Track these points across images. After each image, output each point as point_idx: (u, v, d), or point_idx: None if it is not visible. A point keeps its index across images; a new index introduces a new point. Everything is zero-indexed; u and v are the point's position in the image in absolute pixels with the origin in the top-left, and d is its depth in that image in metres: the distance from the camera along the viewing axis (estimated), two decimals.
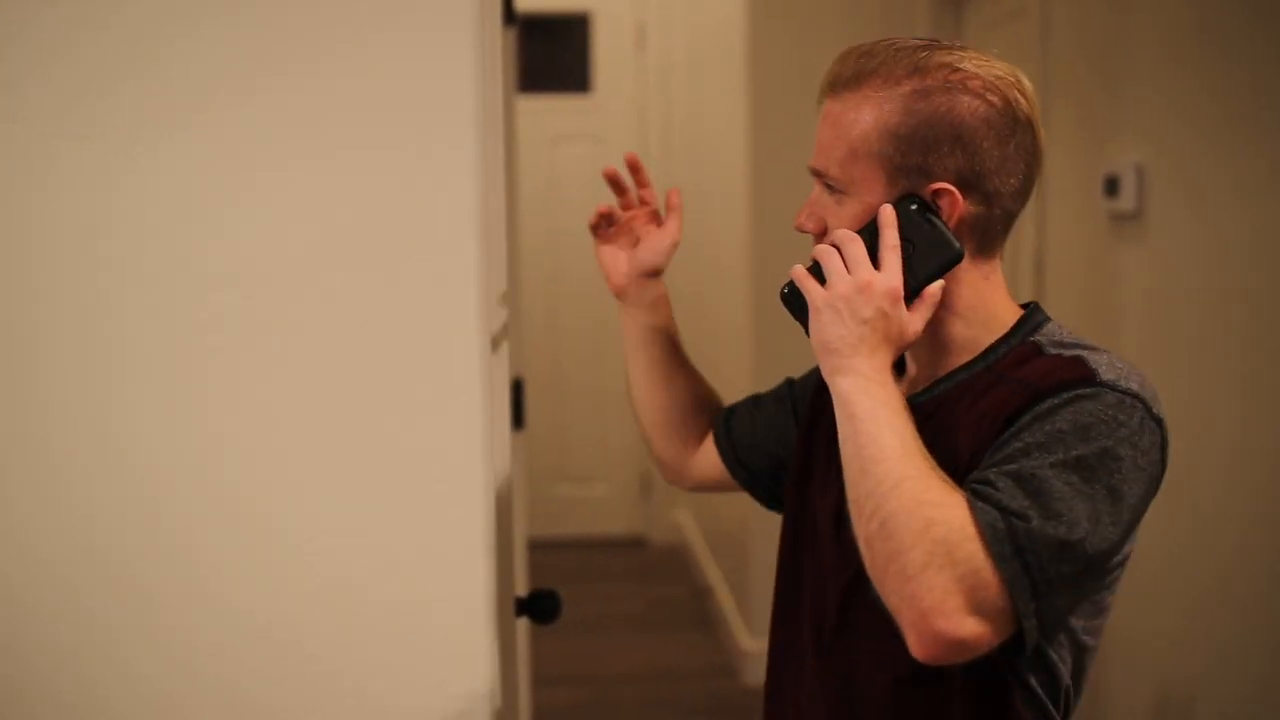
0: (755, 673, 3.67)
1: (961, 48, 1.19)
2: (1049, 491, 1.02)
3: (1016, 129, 1.16)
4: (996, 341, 1.20)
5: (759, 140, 3.54)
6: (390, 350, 1.37)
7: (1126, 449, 1.06)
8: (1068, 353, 1.14)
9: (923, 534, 1.01)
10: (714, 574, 4.37)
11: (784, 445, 1.43)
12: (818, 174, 1.24)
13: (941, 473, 1.05)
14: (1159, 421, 1.09)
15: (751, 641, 3.70)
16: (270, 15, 1.32)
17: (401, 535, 1.38)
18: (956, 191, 1.15)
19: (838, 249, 1.16)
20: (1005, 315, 1.21)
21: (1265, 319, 1.91)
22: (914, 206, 1.17)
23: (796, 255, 3.95)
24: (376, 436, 1.37)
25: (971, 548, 1.00)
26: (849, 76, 1.21)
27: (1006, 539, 1.00)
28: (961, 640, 1.00)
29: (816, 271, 1.18)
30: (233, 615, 1.38)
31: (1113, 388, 1.08)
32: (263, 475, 1.37)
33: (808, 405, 1.39)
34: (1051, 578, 1.02)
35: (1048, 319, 1.22)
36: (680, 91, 4.86)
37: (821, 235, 1.23)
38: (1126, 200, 2.27)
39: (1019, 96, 1.17)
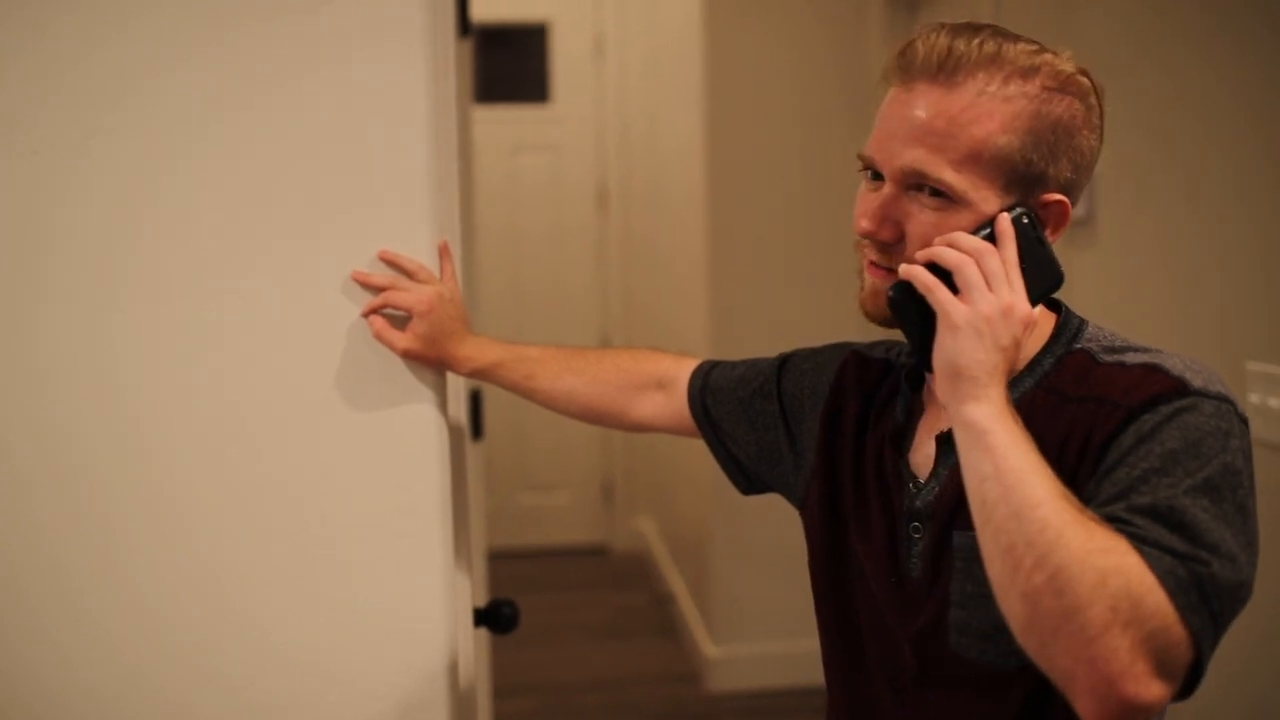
0: (717, 679, 3.68)
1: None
2: (1195, 524, 0.92)
3: (1102, 136, 1.09)
4: (1040, 353, 1.10)
5: (716, 148, 3.55)
6: (347, 361, 1.37)
7: (1241, 460, 0.97)
8: (1130, 359, 1.05)
9: (1100, 588, 0.87)
10: (676, 581, 4.37)
11: (766, 447, 1.37)
12: (915, 174, 1.05)
13: (1091, 513, 0.93)
14: (1246, 422, 1.01)
15: (713, 648, 3.71)
16: (219, 30, 1.32)
17: (358, 546, 1.38)
18: (1069, 202, 1.07)
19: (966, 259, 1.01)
20: (1042, 321, 1.12)
21: (1215, 322, 1.94)
22: (1026, 220, 1.04)
23: (754, 264, 3.93)
24: (333, 447, 1.37)
25: (1156, 599, 0.88)
26: (972, 61, 1.03)
27: (1192, 587, 0.89)
28: (1149, 705, 0.88)
29: (940, 278, 1.02)
30: (189, 625, 1.38)
31: (1206, 395, 0.99)
32: (226, 483, 1.36)
33: (817, 440, 1.27)
34: (1227, 622, 0.92)
35: (1083, 320, 1.14)
36: (638, 101, 4.88)
37: (894, 244, 1.09)
38: (1078, 207, 2.30)
39: (1101, 98, 1.08)
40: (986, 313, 0.99)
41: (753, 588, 3.61)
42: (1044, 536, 0.90)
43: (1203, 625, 0.89)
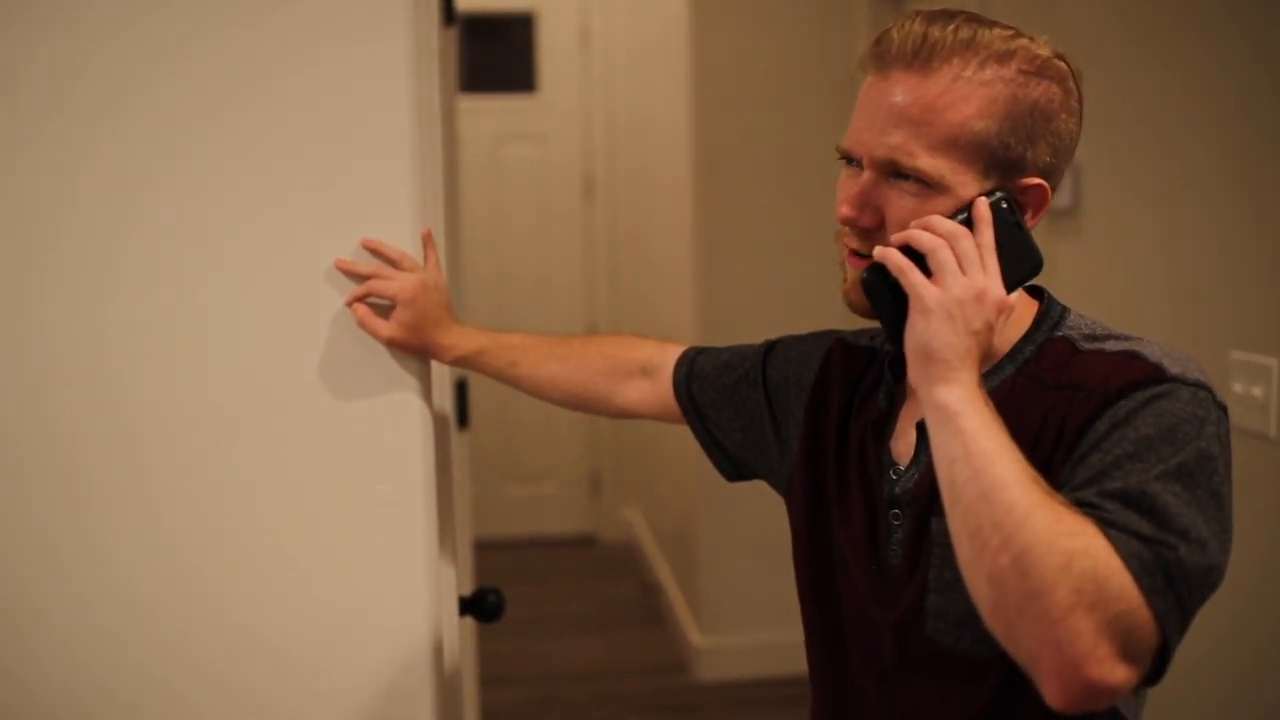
0: (705, 669, 3.69)
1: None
2: (1165, 509, 0.92)
3: (1081, 120, 1.09)
4: (1021, 340, 1.11)
5: (702, 138, 3.55)
6: (330, 350, 1.37)
7: (1216, 446, 0.97)
8: (1110, 347, 1.05)
9: (1065, 570, 0.87)
10: (664, 571, 4.38)
11: (751, 434, 1.37)
12: (892, 162, 1.05)
13: (1061, 496, 0.93)
14: (1224, 409, 1.01)
15: (701, 638, 3.71)
16: (202, 20, 1.31)
17: (343, 536, 1.38)
18: (1048, 187, 1.06)
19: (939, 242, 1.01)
20: (1023, 308, 1.12)
21: (1199, 311, 1.95)
22: (1005, 205, 1.03)
23: (741, 253, 3.91)
24: (316, 436, 1.37)
25: (1121, 582, 0.88)
26: (946, 46, 1.03)
27: (1158, 570, 0.89)
28: (1112, 688, 0.88)
29: (914, 261, 1.02)
30: (176, 614, 1.37)
31: (1183, 382, 0.99)
32: (212, 472, 1.36)
33: (802, 428, 1.27)
34: (1195, 607, 0.92)
35: (1065, 308, 1.14)
36: (624, 91, 4.87)
37: (874, 230, 1.08)
38: (1062, 197, 2.31)
39: (1079, 83, 1.09)
40: (959, 296, 0.99)
41: (740, 577, 3.61)
42: (1010, 518, 0.90)
43: (1168, 609, 0.89)
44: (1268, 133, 1.78)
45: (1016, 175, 1.05)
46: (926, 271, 1.01)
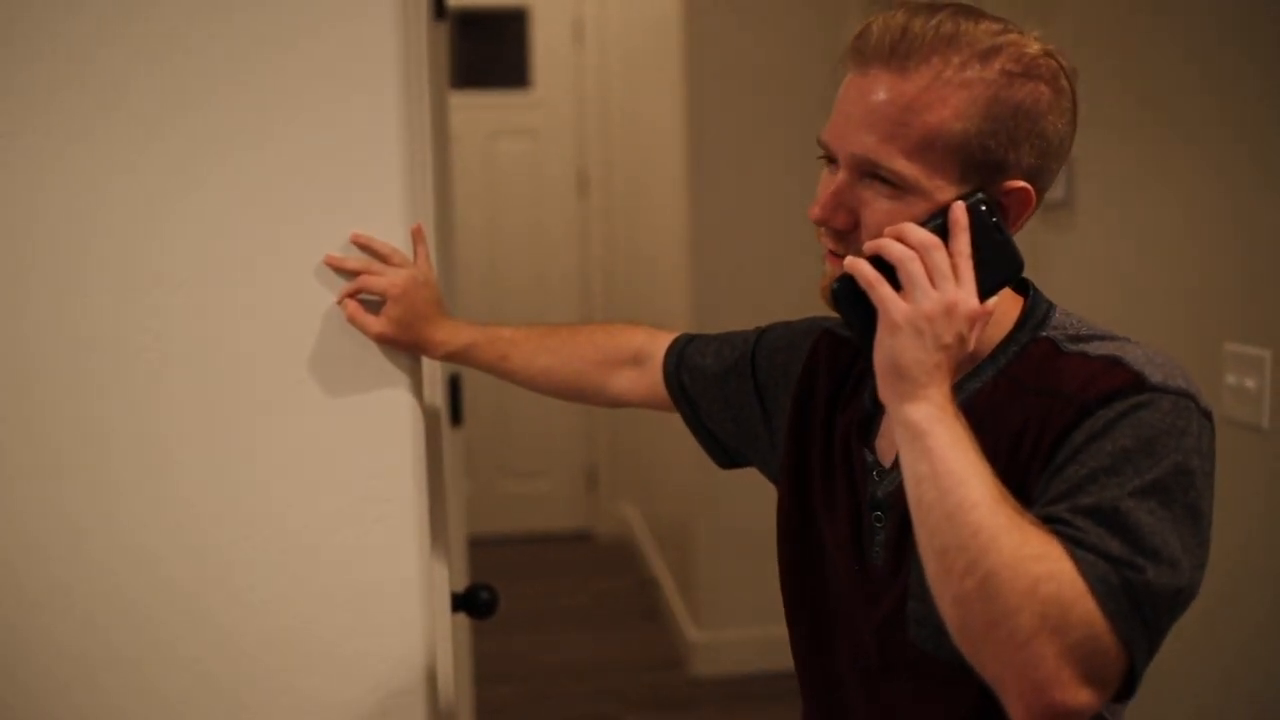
0: (701, 664, 3.69)
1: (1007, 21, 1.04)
2: (1138, 527, 0.91)
3: (1075, 119, 1.05)
4: (1004, 339, 1.08)
5: (696, 132, 3.55)
6: (320, 347, 1.36)
7: (1196, 459, 0.95)
8: (1093, 350, 1.03)
9: (1030, 594, 0.87)
10: (659, 566, 4.38)
11: (743, 424, 1.36)
12: (867, 162, 1.02)
13: (1030, 515, 0.92)
14: (1209, 415, 0.98)
15: (697, 633, 3.71)
16: (187, 16, 1.30)
17: (333, 532, 1.38)
18: (1033, 190, 1.03)
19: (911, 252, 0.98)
20: (1008, 306, 1.09)
21: (1193, 304, 1.94)
22: (984, 208, 1.00)
23: (736, 247, 3.89)
24: (306, 433, 1.37)
25: (1085, 607, 0.87)
26: (926, 43, 0.99)
27: (1122, 594, 0.88)
28: (1077, 710, 0.88)
29: (883, 272, 0.99)
30: (168, 612, 1.37)
31: (1165, 390, 0.97)
32: (202, 470, 1.36)
33: (789, 420, 1.26)
34: (1164, 627, 0.92)
35: (1051, 305, 1.10)
36: (618, 86, 4.87)
37: (849, 232, 1.06)
38: (1056, 189, 2.31)
39: (1073, 81, 1.05)
40: (928, 311, 0.96)
41: (736, 572, 3.61)
42: (976, 541, 0.89)
43: (1133, 633, 0.89)
44: (1260, 125, 1.78)
45: (999, 178, 1.02)
46: (898, 283, 0.99)
